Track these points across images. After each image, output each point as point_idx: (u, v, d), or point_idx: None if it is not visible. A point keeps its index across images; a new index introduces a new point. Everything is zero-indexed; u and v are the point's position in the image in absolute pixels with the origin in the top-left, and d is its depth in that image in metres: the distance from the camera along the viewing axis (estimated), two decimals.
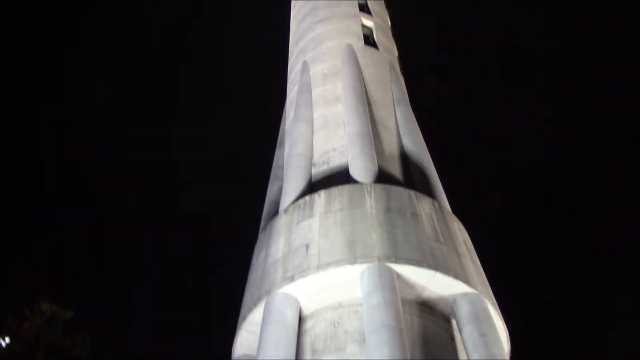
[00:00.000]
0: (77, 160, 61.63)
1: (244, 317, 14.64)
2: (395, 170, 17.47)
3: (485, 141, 61.44)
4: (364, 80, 19.92)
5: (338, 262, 13.43)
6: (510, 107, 65.42)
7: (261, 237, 16.51)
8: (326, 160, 17.69)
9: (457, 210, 16.90)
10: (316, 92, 20.25)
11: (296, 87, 21.18)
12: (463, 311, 13.61)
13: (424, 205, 15.40)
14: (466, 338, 13.17)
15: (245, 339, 14.90)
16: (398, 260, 13.36)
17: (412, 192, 15.70)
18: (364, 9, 24.21)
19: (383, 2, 26.72)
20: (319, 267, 13.47)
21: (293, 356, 12.90)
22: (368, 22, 23.45)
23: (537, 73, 65.91)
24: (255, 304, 14.27)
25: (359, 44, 21.82)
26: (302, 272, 13.61)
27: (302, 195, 16.17)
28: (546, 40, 66.02)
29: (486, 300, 13.96)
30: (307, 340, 13.60)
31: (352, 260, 13.39)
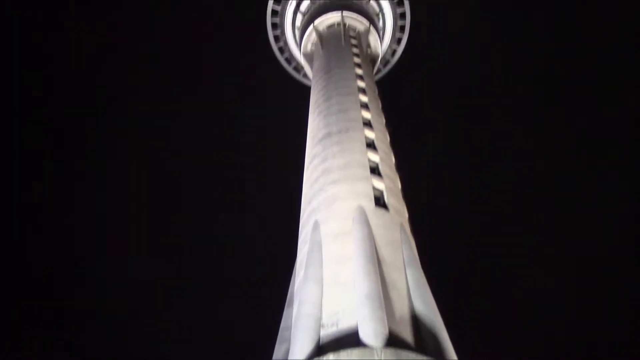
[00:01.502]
0: None
1: None
2: (406, 333, 17.02)
3: (500, 304, 60.21)
4: (374, 241, 20.05)
5: None
6: (523, 269, 64.90)
7: None
8: (335, 321, 17.32)
9: None
10: (327, 251, 20.33)
11: (307, 246, 21.30)
12: None
13: None
14: None
15: None
16: None
17: (424, 357, 15.21)
18: (375, 172, 25.02)
19: (394, 165, 27.63)
20: None
21: None
22: (379, 185, 24.11)
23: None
24: None
25: (370, 205, 22.28)
26: None
27: (310, 358, 15.68)
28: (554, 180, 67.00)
29: None
30: None
31: None
